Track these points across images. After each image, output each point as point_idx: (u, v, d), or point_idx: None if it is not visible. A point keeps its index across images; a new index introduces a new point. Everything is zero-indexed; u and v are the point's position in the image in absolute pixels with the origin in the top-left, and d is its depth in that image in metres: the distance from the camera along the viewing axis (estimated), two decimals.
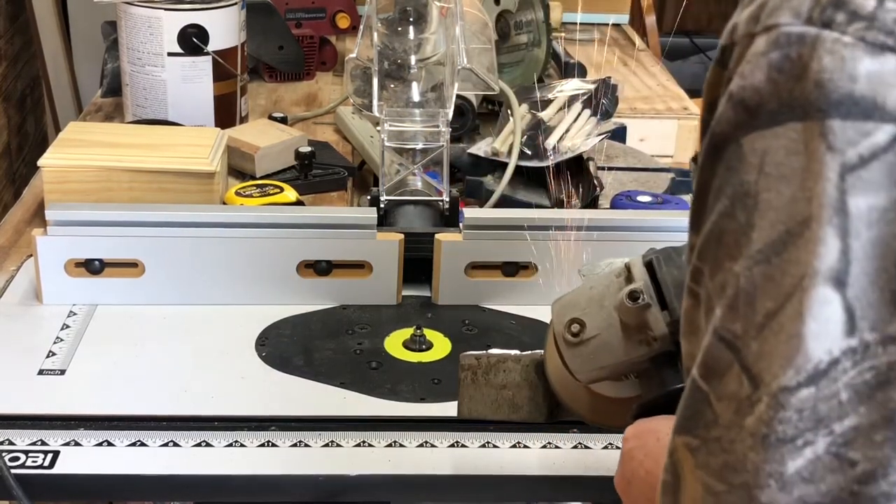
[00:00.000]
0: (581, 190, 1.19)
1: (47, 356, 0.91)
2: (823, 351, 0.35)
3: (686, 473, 0.40)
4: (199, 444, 0.81)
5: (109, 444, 0.81)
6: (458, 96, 1.17)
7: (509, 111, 1.27)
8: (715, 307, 0.39)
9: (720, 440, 0.38)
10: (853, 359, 0.34)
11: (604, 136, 1.27)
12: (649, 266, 0.63)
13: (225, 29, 1.36)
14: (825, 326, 0.35)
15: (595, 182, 1.18)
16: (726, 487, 0.37)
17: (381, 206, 1.06)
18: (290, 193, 1.14)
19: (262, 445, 0.81)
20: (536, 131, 1.26)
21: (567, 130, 1.25)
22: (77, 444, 0.80)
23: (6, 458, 0.77)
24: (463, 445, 0.83)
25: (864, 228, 0.34)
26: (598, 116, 1.29)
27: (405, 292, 1.03)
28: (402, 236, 1.01)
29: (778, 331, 0.36)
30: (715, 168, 0.39)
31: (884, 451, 0.34)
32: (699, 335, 0.41)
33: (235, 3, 1.37)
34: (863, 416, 0.34)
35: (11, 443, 0.80)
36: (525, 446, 0.83)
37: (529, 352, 0.72)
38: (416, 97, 1.16)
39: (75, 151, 1.12)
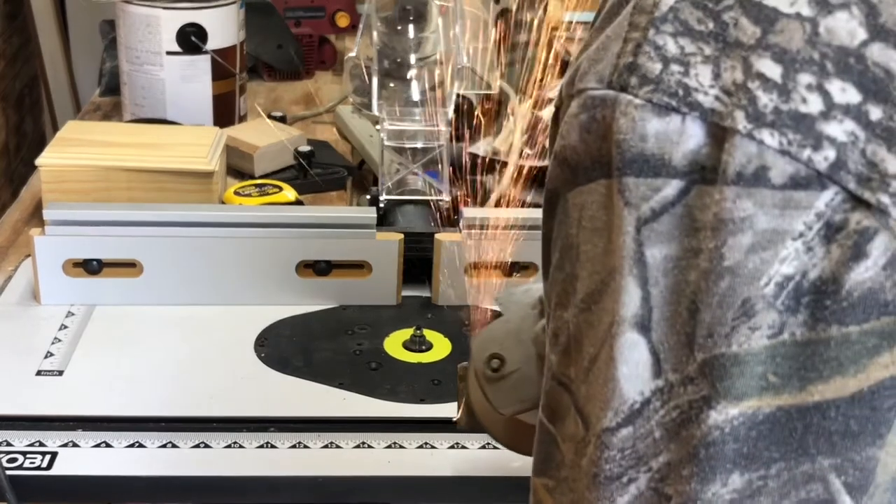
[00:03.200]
0: None
1: (45, 357, 0.91)
2: (636, 392, 0.36)
3: None
4: (197, 446, 0.81)
5: (107, 445, 0.80)
6: (458, 96, 1.17)
7: (510, 110, 1.27)
8: (552, 353, 0.41)
9: (567, 480, 0.40)
10: (662, 398, 0.36)
11: None
12: None
13: (224, 28, 1.36)
14: (635, 369, 0.36)
15: None
16: None
17: (381, 205, 1.06)
18: (289, 193, 1.14)
19: (261, 446, 0.81)
20: (536, 131, 1.25)
21: None
22: (75, 445, 0.80)
23: (3, 460, 0.77)
24: (463, 447, 0.82)
25: (661, 276, 0.36)
26: None
27: (405, 292, 1.03)
28: (401, 236, 1.00)
29: (598, 374, 0.38)
30: (551, 222, 0.41)
31: (691, 485, 0.35)
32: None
33: (234, 2, 1.36)
34: (673, 453, 0.36)
35: (9, 444, 0.79)
36: None
37: None
38: (415, 96, 1.15)
39: (73, 151, 1.12)
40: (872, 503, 0.35)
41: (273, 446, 0.81)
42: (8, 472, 0.75)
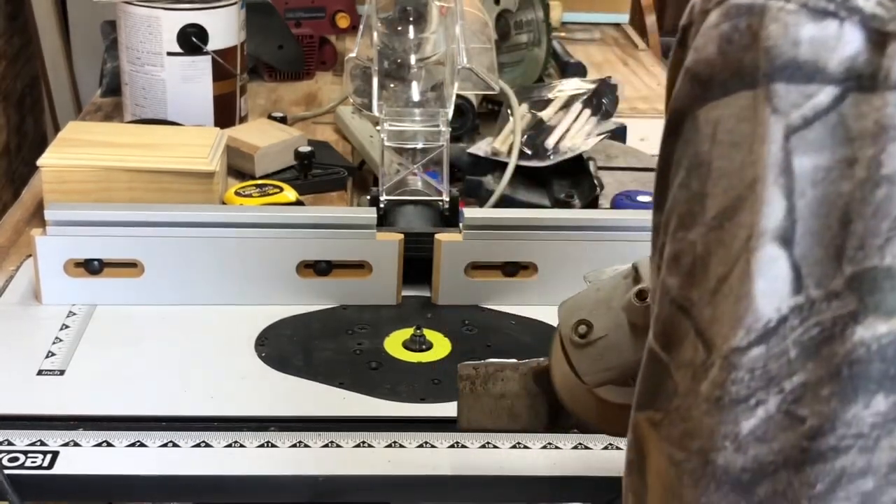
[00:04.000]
0: (581, 190, 1.19)
1: (46, 356, 0.91)
2: (772, 309, 0.35)
3: (650, 449, 0.40)
4: (198, 445, 0.81)
5: (109, 444, 0.80)
6: (458, 96, 1.17)
7: (509, 111, 1.27)
8: (670, 277, 0.39)
9: (679, 409, 0.38)
10: (800, 316, 0.35)
11: (604, 136, 1.27)
12: None
13: (224, 28, 1.36)
14: (773, 285, 0.35)
15: (595, 182, 1.18)
16: (685, 455, 0.38)
17: (381, 205, 1.06)
18: (290, 193, 1.14)
19: (262, 446, 0.81)
20: (536, 131, 1.25)
21: (567, 130, 1.25)
22: (76, 444, 0.80)
23: (4, 459, 0.77)
24: (463, 446, 0.82)
25: (808, 187, 0.35)
26: (599, 116, 1.29)
27: (405, 292, 1.03)
28: (401, 236, 1.00)
29: (728, 293, 0.36)
30: (674, 144, 0.40)
31: (830, 405, 0.34)
32: None
33: (235, 3, 1.37)
34: (810, 372, 0.35)
35: (10, 443, 0.80)
36: (525, 447, 0.83)
37: (528, 360, 0.72)
38: (415, 97, 1.16)
39: (74, 151, 1.12)
40: None
41: (273, 445, 0.81)
42: (9, 472, 0.76)
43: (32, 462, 0.78)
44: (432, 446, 0.82)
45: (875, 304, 0.33)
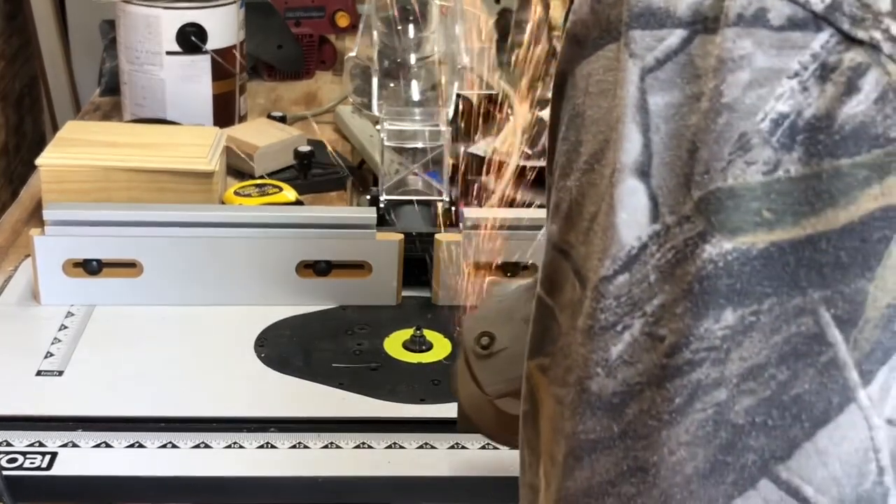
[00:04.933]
0: None
1: (45, 357, 0.91)
2: (633, 238, 0.37)
3: (542, 396, 0.42)
4: (197, 446, 0.81)
5: (108, 445, 0.80)
6: (458, 96, 1.17)
7: (509, 110, 1.27)
8: (553, 224, 0.42)
9: (562, 349, 0.40)
10: (658, 242, 0.37)
11: None
12: None
13: (224, 28, 1.36)
14: (634, 215, 0.37)
15: None
16: (566, 390, 0.39)
17: (381, 205, 1.06)
18: (290, 193, 1.14)
19: (262, 447, 0.81)
20: (536, 131, 1.25)
21: None
22: (75, 445, 0.80)
23: (2, 460, 0.77)
24: (463, 447, 0.82)
25: (662, 123, 0.37)
26: None
27: (405, 292, 1.03)
28: (401, 236, 1.00)
29: (598, 230, 0.38)
30: (558, 106, 0.42)
31: (685, 321, 0.36)
32: None
33: (234, 2, 1.36)
34: (667, 294, 0.36)
35: (9, 444, 0.79)
36: None
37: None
38: (415, 96, 1.15)
39: (73, 151, 1.12)
40: (862, 337, 0.35)
41: (273, 446, 0.81)
42: (8, 473, 0.76)
43: (31, 463, 0.77)
44: (432, 447, 0.82)
45: (720, 222, 0.35)
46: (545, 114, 1.29)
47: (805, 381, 0.35)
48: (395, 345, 0.95)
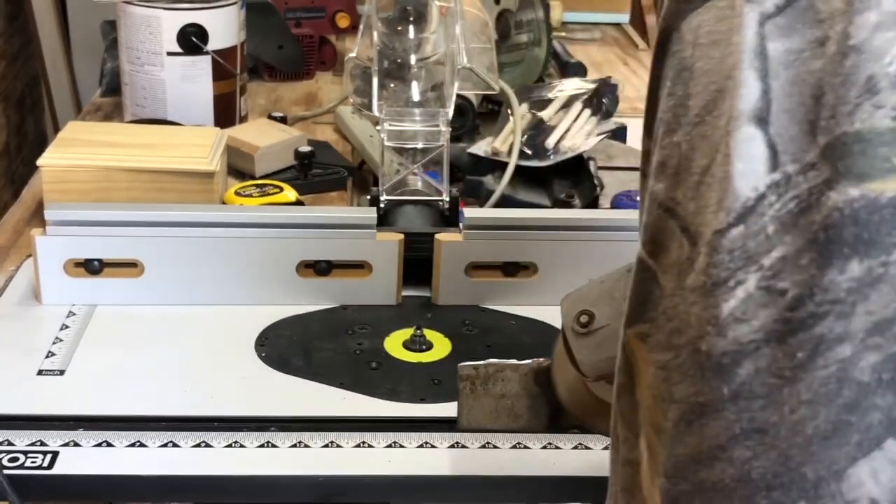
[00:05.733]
0: (581, 190, 1.19)
1: (46, 356, 0.91)
2: (750, 188, 0.36)
3: (641, 366, 0.40)
4: (198, 445, 0.81)
5: (109, 444, 0.80)
6: (458, 96, 1.17)
7: (509, 111, 1.27)
8: (658, 183, 0.40)
9: (665, 311, 0.38)
10: (777, 192, 0.35)
11: (604, 135, 1.27)
12: None
13: (224, 28, 1.36)
14: (750, 165, 0.36)
15: (595, 182, 1.18)
16: (673, 354, 0.38)
17: (381, 205, 1.06)
18: (290, 193, 1.14)
19: (262, 446, 0.81)
20: (536, 131, 1.25)
21: (567, 130, 1.25)
22: (76, 444, 0.80)
23: (3, 460, 0.77)
24: (463, 446, 0.82)
25: (782, 69, 0.36)
26: (599, 116, 1.29)
27: (405, 292, 1.03)
28: (401, 236, 1.00)
29: (711, 182, 0.37)
30: (662, 62, 0.41)
31: (809, 271, 0.34)
32: None
33: (235, 3, 1.37)
34: (789, 245, 0.35)
35: (10, 443, 0.80)
36: (525, 447, 0.83)
37: (528, 360, 0.72)
38: (416, 97, 1.16)
39: (74, 151, 1.12)
40: None
41: (273, 446, 0.81)
42: (9, 472, 0.76)
43: (32, 462, 0.78)
44: (432, 446, 0.82)
45: (846, 168, 0.34)
46: (545, 114, 1.29)
47: None
48: (395, 344, 0.95)
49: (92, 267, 0.98)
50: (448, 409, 0.82)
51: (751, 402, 0.35)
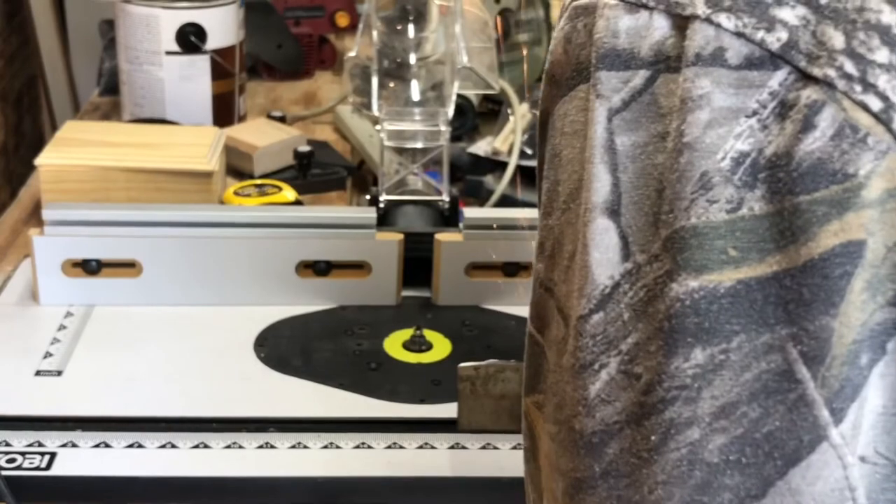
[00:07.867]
0: None
1: (44, 357, 0.90)
2: (606, 277, 0.38)
3: (539, 432, 0.42)
4: (197, 446, 0.80)
5: (107, 445, 0.80)
6: (458, 95, 1.17)
7: (509, 111, 1.27)
8: (539, 263, 0.42)
9: (552, 386, 0.41)
10: (630, 280, 0.37)
11: None
12: None
13: (223, 27, 1.36)
14: (606, 254, 0.38)
15: None
16: (557, 428, 0.40)
17: (381, 205, 1.06)
18: (289, 193, 1.14)
19: (261, 447, 0.81)
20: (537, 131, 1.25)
21: None
22: (74, 445, 0.80)
23: (1, 461, 0.77)
24: (463, 447, 0.82)
25: (629, 162, 0.38)
26: None
27: (405, 293, 1.02)
28: (401, 236, 1.00)
29: (575, 269, 0.39)
30: (543, 146, 0.43)
31: (657, 358, 0.36)
32: None
33: (234, 2, 1.36)
34: (641, 332, 0.37)
35: (8, 444, 0.79)
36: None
37: None
38: (415, 96, 1.15)
39: (72, 151, 1.11)
40: (830, 374, 0.34)
41: (273, 447, 0.81)
42: (7, 473, 0.75)
43: (30, 463, 0.77)
44: (432, 447, 0.82)
45: (685, 261, 0.36)
46: None
47: (776, 418, 0.35)
48: (394, 345, 0.95)
49: (90, 267, 0.97)
50: (448, 410, 0.82)
51: (618, 480, 0.37)
